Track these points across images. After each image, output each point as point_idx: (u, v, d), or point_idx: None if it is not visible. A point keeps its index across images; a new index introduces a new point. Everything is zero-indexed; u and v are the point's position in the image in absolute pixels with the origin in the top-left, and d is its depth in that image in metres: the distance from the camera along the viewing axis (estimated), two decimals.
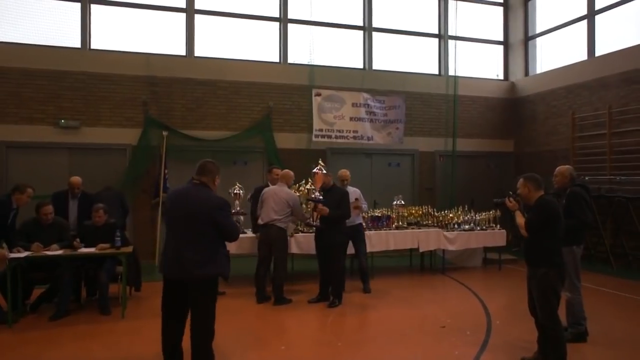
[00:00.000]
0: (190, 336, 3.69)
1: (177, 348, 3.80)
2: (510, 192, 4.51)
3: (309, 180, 6.98)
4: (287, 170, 6.81)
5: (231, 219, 3.89)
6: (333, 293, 6.39)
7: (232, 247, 5.42)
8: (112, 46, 9.41)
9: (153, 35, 9.71)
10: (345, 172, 7.35)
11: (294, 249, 7.22)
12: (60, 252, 5.70)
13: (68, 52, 9.09)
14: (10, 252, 5.46)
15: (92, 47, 9.33)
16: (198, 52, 9.92)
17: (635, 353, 4.65)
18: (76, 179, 6.91)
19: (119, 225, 6.23)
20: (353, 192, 7.34)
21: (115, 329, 5.34)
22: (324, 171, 6.34)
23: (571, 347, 4.70)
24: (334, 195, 6.36)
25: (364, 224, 7.55)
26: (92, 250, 5.82)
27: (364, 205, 7.49)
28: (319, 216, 6.26)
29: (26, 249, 5.62)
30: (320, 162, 6.55)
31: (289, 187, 6.65)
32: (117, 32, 9.51)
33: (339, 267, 6.40)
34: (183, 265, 3.60)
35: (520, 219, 4.33)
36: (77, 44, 9.23)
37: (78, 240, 5.83)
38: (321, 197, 6.17)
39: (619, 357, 4.53)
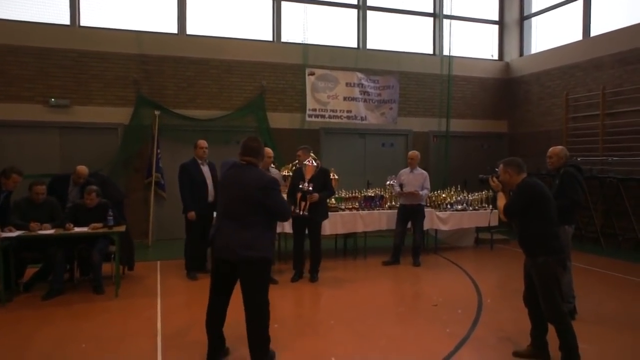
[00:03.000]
0: (245, 321, 3.63)
1: (219, 328, 3.76)
2: (496, 169, 4.21)
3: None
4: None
5: (280, 197, 3.78)
6: (313, 268, 6.58)
7: None
8: (102, 23, 9.24)
9: (144, 12, 9.54)
10: (413, 154, 7.71)
11: (286, 227, 7.23)
12: (52, 231, 5.67)
13: (56, 29, 8.91)
14: (2, 231, 5.44)
15: (82, 24, 9.15)
16: (190, 30, 9.77)
17: (623, 330, 4.73)
18: (83, 168, 6.68)
19: (110, 205, 6.19)
20: (420, 174, 7.62)
21: (109, 308, 5.36)
22: (315, 163, 6.34)
23: None
24: (319, 176, 6.42)
25: (425, 205, 7.85)
26: (84, 229, 5.80)
27: (424, 192, 7.59)
28: (307, 205, 6.26)
29: (23, 227, 5.59)
30: (311, 153, 6.54)
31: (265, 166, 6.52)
32: (107, 9, 9.33)
33: (319, 243, 6.64)
34: (229, 245, 3.58)
35: (501, 202, 4.06)
36: (66, 20, 9.04)
37: (72, 225, 5.78)
38: (310, 188, 6.19)
39: (606, 334, 4.61)
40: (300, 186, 6.23)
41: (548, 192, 3.94)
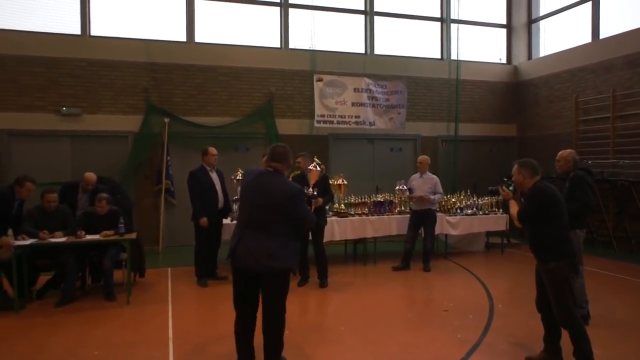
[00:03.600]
0: (262, 327, 3.62)
1: (249, 342, 3.71)
2: (505, 179, 4.25)
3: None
4: None
5: (304, 206, 3.75)
6: (322, 274, 6.61)
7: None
8: (112, 33, 9.35)
9: (153, 21, 9.65)
10: (422, 158, 7.73)
11: None
12: (64, 239, 5.73)
13: (67, 39, 9.03)
14: (15, 239, 5.51)
15: (92, 33, 9.27)
16: (198, 37, 9.86)
17: (637, 335, 4.68)
18: (91, 175, 6.74)
19: (121, 212, 6.24)
20: (430, 179, 7.62)
21: (120, 315, 5.40)
22: (319, 168, 6.36)
23: None
24: (320, 183, 6.48)
25: (436, 209, 7.83)
26: (96, 237, 5.85)
27: (437, 196, 7.60)
28: (313, 209, 6.29)
29: (34, 236, 5.65)
30: (315, 158, 6.55)
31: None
32: (117, 18, 9.44)
33: (323, 248, 6.68)
34: (253, 255, 3.51)
35: (513, 209, 4.04)
36: (76, 30, 9.16)
37: (83, 232, 5.84)
38: (315, 193, 6.21)
39: (620, 339, 4.56)
40: (305, 191, 6.25)
41: (560, 196, 3.91)
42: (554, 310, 3.81)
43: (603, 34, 10.00)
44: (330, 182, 7.23)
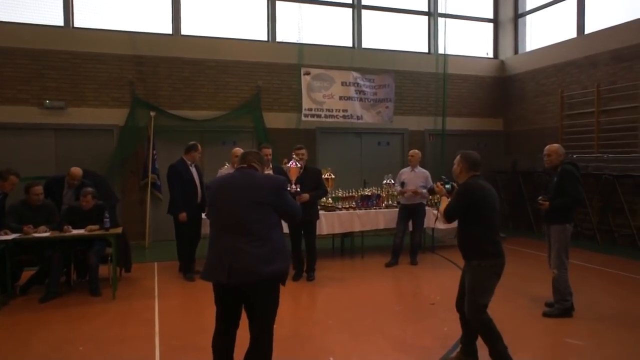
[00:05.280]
0: (250, 344, 3.17)
1: (231, 357, 3.28)
2: (442, 177, 4.22)
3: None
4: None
5: (290, 197, 3.40)
6: (310, 267, 6.63)
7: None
8: (96, 24, 9.19)
9: (138, 13, 9.50)
10: (414, 152, 7.78)
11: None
12: (48, 234, 5.65)
13: (50, 30, 8.87)
14: None
15: (76, 25, 9.11)
16: (185, 30, 9.74)
17: (620, 326, 4.74)
18: (77, 170, 6.60)
19: (106, 207, 6.17)
20: (422, 173, 7.64)
21: (106, 310, 5.34)
22: (298, 165, 6.28)
23: (558, 321, 4.82)
24: (311, 177, 6.44)
25: (425, 204, 7.82)
26: (81, 231, 5.78)
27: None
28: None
29: (18, 231, 5.56)
30: (293, 155, 6.48)
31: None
32: (101, 10, 9.29)
33: (314, 242, 6.67)
34: (246, 265, 2.99)
35: (443, 205, 3.94)
36: (59, 22, 9.00)
37: (69, 227, 5.76)
38: (298, 189, 6.12)
39: (604, 330, 4.62)
40: (288, 188, 6.18)
41: (491, 196, 3.78)
42: (466, 306, 3.77)
43: (588, 29, 10.08)
44: None
